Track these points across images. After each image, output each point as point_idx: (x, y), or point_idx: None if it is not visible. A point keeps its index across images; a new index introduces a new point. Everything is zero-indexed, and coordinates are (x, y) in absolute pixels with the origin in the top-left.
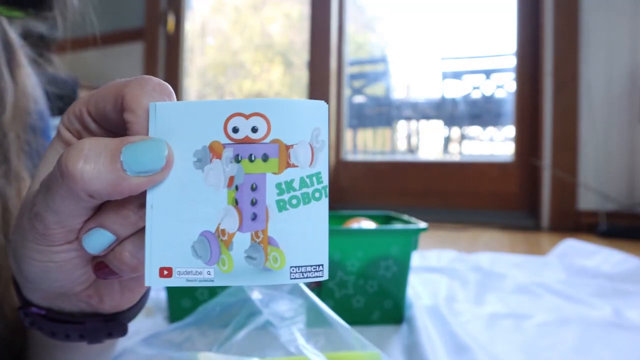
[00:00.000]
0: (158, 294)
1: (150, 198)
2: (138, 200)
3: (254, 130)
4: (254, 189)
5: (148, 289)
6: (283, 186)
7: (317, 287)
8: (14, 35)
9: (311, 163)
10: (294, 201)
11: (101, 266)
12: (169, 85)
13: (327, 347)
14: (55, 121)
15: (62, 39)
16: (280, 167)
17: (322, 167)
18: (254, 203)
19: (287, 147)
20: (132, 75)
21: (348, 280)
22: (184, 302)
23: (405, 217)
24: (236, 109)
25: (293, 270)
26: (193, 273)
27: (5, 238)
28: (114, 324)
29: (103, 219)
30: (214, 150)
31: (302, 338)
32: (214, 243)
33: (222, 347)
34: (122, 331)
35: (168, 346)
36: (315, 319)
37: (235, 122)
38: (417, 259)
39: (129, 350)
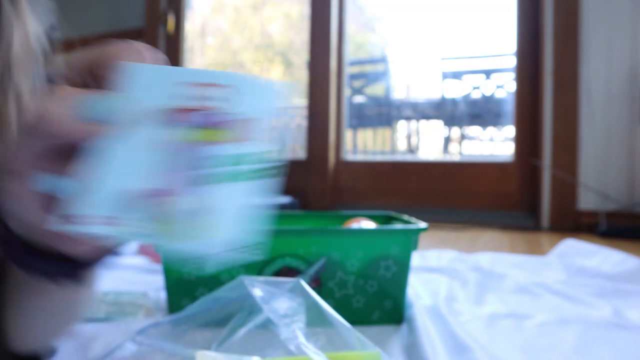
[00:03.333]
0: (158, 294)
1: (99, 149)
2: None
3: (216, 100)
4: (202, 155)
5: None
6: (231, 158)
7: (317, 287)
8: None
9: (261, 139)
10: (239, 174)
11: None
12: (153, 52)
13: (327, 346)
14: None
15: (63, 39)
16: (232, 139)
17: (270, 144)
18: (198, 169)
19: (243, 121)
20: None
21: (348, 280)
22: (183, 301)
23: (405, 217)
24: (203, 78)
25: (227, 241)
26: (130, 226)
27: None
28: (77, 268)
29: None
30: (176, 114)
31: (303, 337)
32: (152, 201)
33: (222, 345)
34: (78, 278)
35: (165, 340)
36: (315, 318)
37: (200, 90)
38: (417, 259)
39: (127, 341)
